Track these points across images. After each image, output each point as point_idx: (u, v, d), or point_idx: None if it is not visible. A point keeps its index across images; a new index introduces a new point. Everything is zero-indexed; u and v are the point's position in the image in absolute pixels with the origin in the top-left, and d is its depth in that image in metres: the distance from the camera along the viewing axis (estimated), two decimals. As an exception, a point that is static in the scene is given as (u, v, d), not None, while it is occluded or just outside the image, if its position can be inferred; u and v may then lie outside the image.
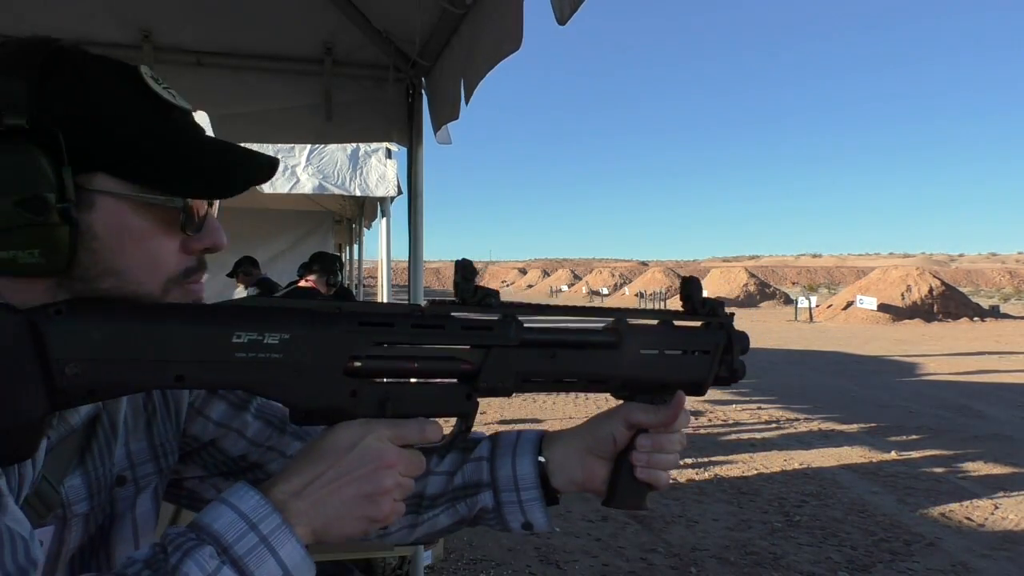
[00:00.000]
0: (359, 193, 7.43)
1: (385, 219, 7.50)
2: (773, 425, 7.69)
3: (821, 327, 26.09)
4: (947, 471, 5.90)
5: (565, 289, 73.59)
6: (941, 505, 4.99)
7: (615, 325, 0.91)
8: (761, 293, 46.65)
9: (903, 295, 29.88)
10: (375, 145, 7.18)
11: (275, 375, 0.73)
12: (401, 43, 2.88)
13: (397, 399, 0.79)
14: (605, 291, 63.45)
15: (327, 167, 7.22)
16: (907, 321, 27.80)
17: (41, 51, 0.73)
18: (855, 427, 7.58)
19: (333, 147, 7.16)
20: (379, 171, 7.29)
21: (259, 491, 0.72)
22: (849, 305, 30.35)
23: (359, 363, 0.76)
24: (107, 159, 0.73)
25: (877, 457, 6.31)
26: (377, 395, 0.78)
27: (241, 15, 2.75)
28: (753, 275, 50.39)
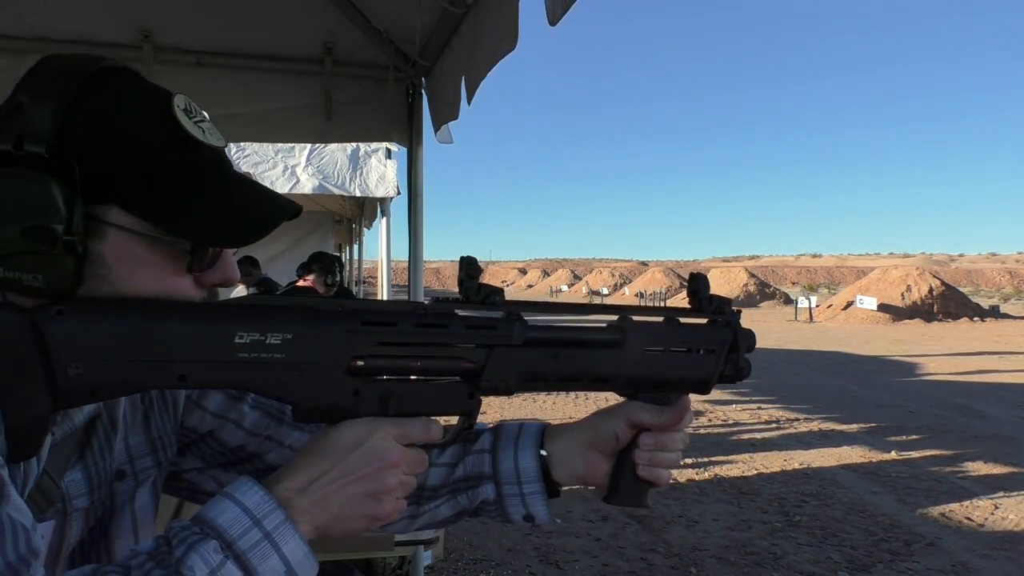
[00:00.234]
0: (359, 193, 7.43)
1: (385, 219, 7.50)
2: (773, 425, 7.69)
3: (821, 327, 26.09)
4: (947, 471, 5.90)
5: (565, 289, 73.60)
6: (941, 505, 4.99)
7: (619, 323, 0.90)
8: (761, 293, 46.63)
9: (903, 295, 29.88)
10: (375, 145, 7.18)
11: (277, 375, 0.73)
12: (401, 43, 2.88)
13: (400, 398, 0.78)
14: (605, 291, 63.44)
15: (327, 167, 7.23)
16: (907, 321, 27.79)
17: (80, 75, 0.73)
18: (855, 427, 7.58)
19: (333, 147, 7.16)
20: (379, 171, 7.29)
21: (263, 487, 0.72)
22: (849, 305, 30.35)
23: (362, 362, 0.76)
24: (122, 193, 0.73)
25: (877, 457, 6.31)
26: (379, 394, 0.77)
27: (241, 15, 2.75)
28: (753, 275, 50.37)
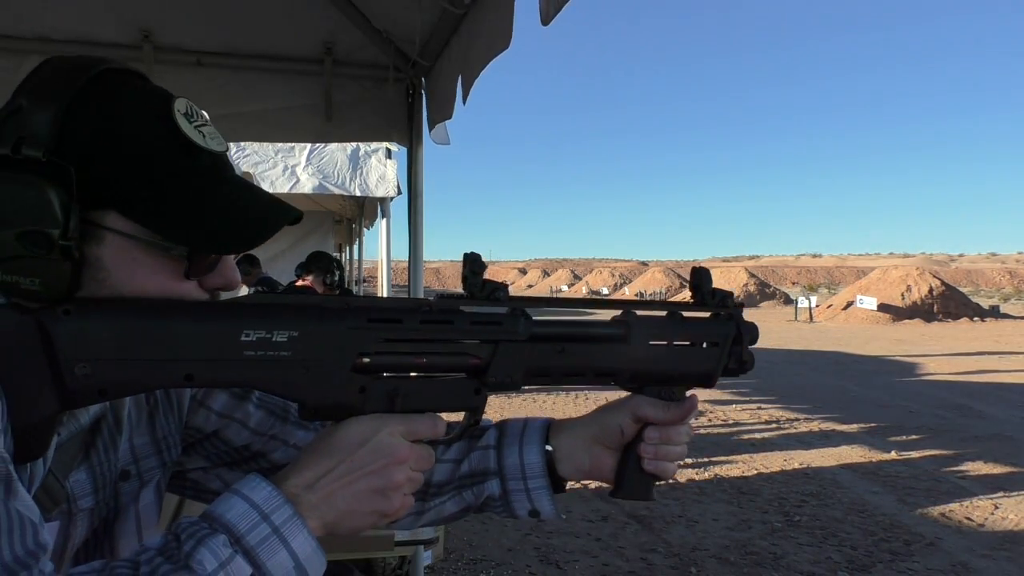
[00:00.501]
0: (359, 193, 7.44)
1: (385, 219, 7.50)
2: (773, 425, 7.68)
3: (821, 327, 26.08)
4: (947, 471, 5.89)
5: (565, 289, 73.67)
6: (941, 505, 4.98)
7: (623, 317, 0.90)
8: (761, 293, 46.65)
9: (903, 295, 29.88)
10: (375, 145, 7.18)
11: (284, 373, 0.73)
12: (401, 43, 2.88)
13: (406, 394, 0.78)
14: (605, 291, 63.50)
15: (327, 167, 7.23)
16: (907, 321, 27.79)
17: (80, 79, 0.73)
18: (855, 427, 7.58)
19: (333, 147, 7.16)
20: (379, 171, 7.29)
21: (271, 482, 0.72)
22: (849, 305, 30.35)
23: (368, 359, 0.76)
24: (120, 198, 0.73)
25: (877, 457, 6.31)
26: (386, 391, 0.77)
27: (241, 15, 2.75)
28: (753, 275, 50.39)
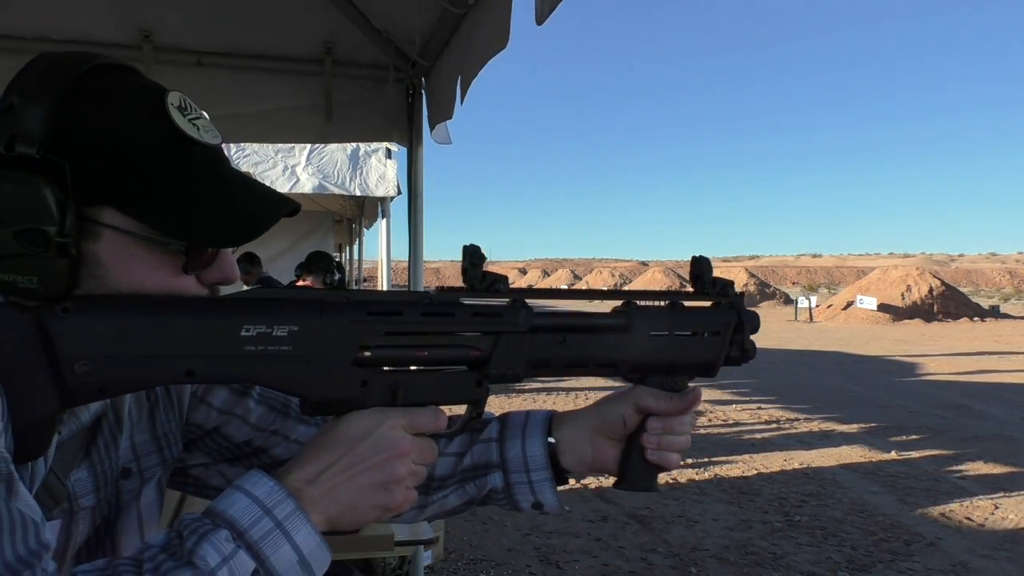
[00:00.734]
0: (359, 193, 7.44)
1: (385, 219, 7.51)
2: (773, 425, 7.68)
3: (821, 327, 26.08)
4: (947, 471, 5.89)
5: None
6: (941, 505, 4.98)
7: (624, 308, 0.90)
8: (761, 293, 46.63)
9: (903, 295, 29.88)
10: (375, 145, 7.19)
11: (285, 367, 0.73)
12: (401, 43, 2.89)
13: (408, 388, 0.78)
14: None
15: (327, 167, 7.23)
16: (907, 321, 27.79)
17: (72, 74, 0.72)
18: (855, 427, 7.58)
19: (333, 147, 7.17)
20: (379, 171, 7.30)
21: (273, 477, 0.72)
22: (849, 305, 30.35)
23: (369, 353, 0.76)
24: (115, 194, 0.73)
25: (877, 457, 6.31)
26: (388, 384, 0.77)
27: (241, 15, 2.75)
28: (753, 275, 50.39)
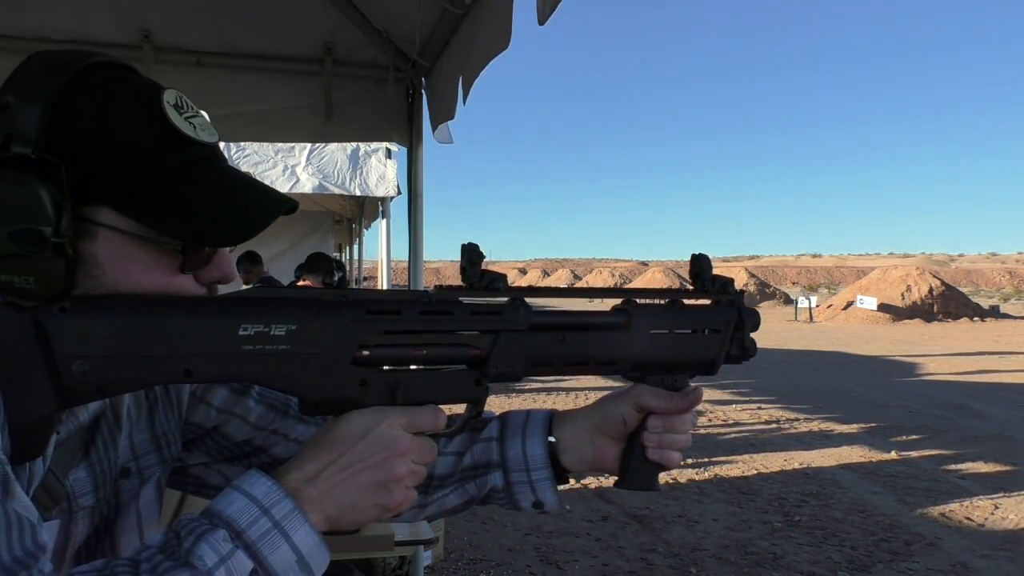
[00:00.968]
0: (359, 193, 7.45)
1: (385, 219, 7.52)
2: (773, 425, 7.68)
3: (821, 327, 26.08)
4: (947, 471, 5.89)
5: (565, 289, 73.74)
6: (941, 505, 4.98)
7: (624, 306, 0.90)
8: (761, 293, 46.63)
9: (903, 295, 29.87)
10: (375, 145, 7.19)
11: (283, 367, 0.72)
12: (401, 43, 2.89)
13: (407, 387, 0.78)
14: (605, 291, 63.42)
15: (327, 167, 7.23)
16: (907, 321, 27.78)
17: (66, 72, 0.72)
18: (855, 427, 7.58)
19: (333, 147, 7.17)
20: (379, 171, 7.30)
21: (271, 477, 0.72)
22: (849, 305, 30.35)
23: (367, 352, 0.76)
24: (111, 194, 0.72)
25: (877, 457, 6.31)
26: (387, 383, 0.77)
27: (241, 15, 2.75)
28: (753, 275, 50.41)
